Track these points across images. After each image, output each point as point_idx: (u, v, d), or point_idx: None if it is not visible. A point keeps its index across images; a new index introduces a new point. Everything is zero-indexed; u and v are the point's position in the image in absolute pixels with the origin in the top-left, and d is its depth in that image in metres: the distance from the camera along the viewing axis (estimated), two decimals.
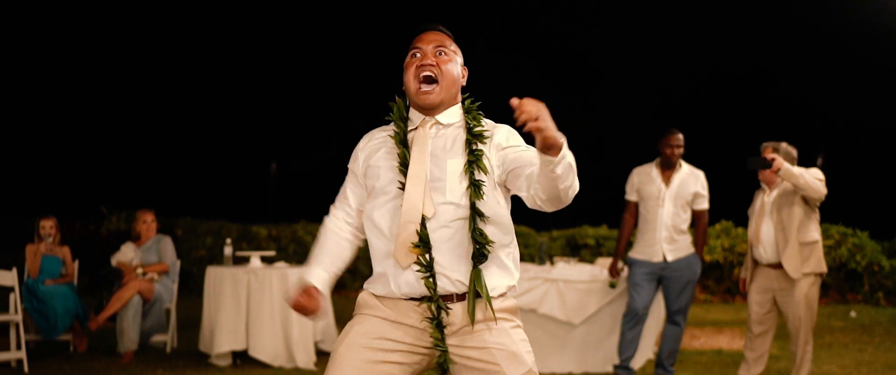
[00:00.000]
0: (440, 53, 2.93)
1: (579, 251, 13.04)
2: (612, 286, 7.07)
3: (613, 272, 6.99)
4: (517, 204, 2.93)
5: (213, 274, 7.48)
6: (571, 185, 2.66)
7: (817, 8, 22.36)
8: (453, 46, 2.99)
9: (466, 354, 2.84)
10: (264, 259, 7.90)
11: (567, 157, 2.59)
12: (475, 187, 2.82)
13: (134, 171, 25.13)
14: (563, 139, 2.54)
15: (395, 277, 2.85)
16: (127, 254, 8.03)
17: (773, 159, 5.66)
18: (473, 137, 2.87)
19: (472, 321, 2.80)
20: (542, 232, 13.89)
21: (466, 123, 2.92)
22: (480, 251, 2.82)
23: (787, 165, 5.67)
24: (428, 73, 2.89)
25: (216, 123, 26.22)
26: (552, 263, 7.77)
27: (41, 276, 7.77)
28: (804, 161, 6.22)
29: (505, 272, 2.91)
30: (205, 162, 26.23)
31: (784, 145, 6.06)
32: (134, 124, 26.16)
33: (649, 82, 27.07)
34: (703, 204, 6.73)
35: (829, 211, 10.95)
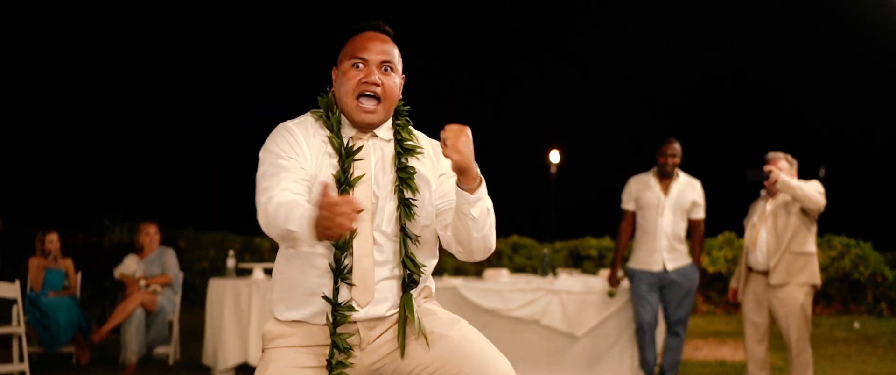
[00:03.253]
0: (386, 69, 2.65)
1: (582, 263, 13.03)
2: (611, 295, 7.07)
3: (613, 281, 7.00)
4: (518, 214, 2.81)
5: (216, 286, 7.49)
6: (486, 236, 2.59)
7: (822, 17, 22.37)
8: (397, 54, 2.71)
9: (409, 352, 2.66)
10: (267, 272, 7.91)
11: (484, 200, 2.54)
12: (405, 208, 2.63)
13: (136, 182, 25.18)
14: (478, 173, 2.51)
15: (317, 303, 2.63)
16: (130, 266, 8.03)
17: (770, 172, 5.72)
18: (405, 152, 2.67)
19: (402, 352, 2.63)
20: (544, 243, 13.89)
21: (396, 134, 2.71)
22: (411, 277, 2.66)
23: (784, 177, 5.72)
24: (371, 92, 2.62)
25: (220, 137, 26.26)
26: (555, 274, 7.78)
27: (44, 289, 7.79)
28: (807, 172, 6.24)
29: (430, 293, 2.82)
30: (207, 174, 26.27)
31: (788, 156, 6.09)
32: (137, 136, 26.22)
33: (651, 92, 27.07)
34: (700, 213, 6.76)
35: (833, 222, 11.01)
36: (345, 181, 2.58)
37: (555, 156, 29.94)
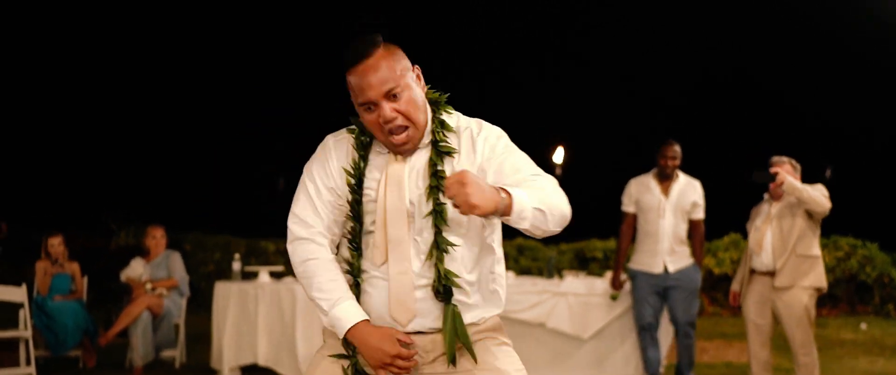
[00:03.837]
0: (394, 97, 2.48)
1: (588, 265, 13.02)
2: (614, 298, 7.08)
3: (615, 284, 7.01)
4: None
5: (222, 289, 7.51)
6: (551, 222, 2.40)
7: (826, 17, 22.33)
8: (398, 66, 2.51)
9: None
10: (273, 274, 7.92)
11: (526, 209, 2.33)
12: (438, 214, 2.50)
13: (142, 185, 25.19)
14: (502, 202, 2.29)
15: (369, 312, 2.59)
16: (136, 269, 8.05)
17: (776, 173, 5.74)
18: (438, 156, 2.55)
19: (453, 361, 2.54)
20: (550, 246, 13.88)
21: (433, 134, 2.58)
22: (445, 286, 2.52)
23: (790, 179, 5.75)
24: (393, 128, 2.50)
25: (225, 139, 26.28)
26: (561, 276, 7.78)
27: (51, 292, 7.81)
28: (812, 173, 6.25)
29: (492, 302, 2.66)
30: (213, 177, 26.27)
31: (792, 161, 6.10)
32: (142, 139, 26.24)
33: (653, 92, 27.04)
34: (700, 214, 6.78)
35: (839, 223, 11.00)
36: (355, 217, 2.58)
37: (558, 157, 29.89)
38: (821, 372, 6.48)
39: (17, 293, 7.36)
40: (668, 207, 6.63)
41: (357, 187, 2.57)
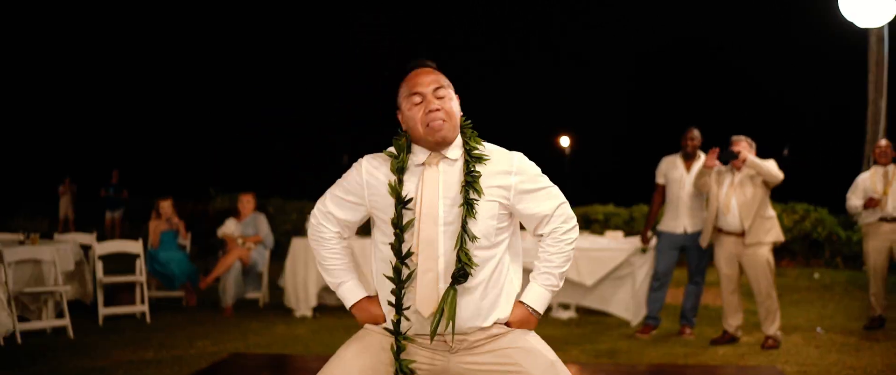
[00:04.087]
0: (439, 97, 2.42)
1: (590, 226, 12.88)
2: (643, 251, 7.07)
3: (645, 239, 6.97)
4: None
5: (297, 244, 7.51)
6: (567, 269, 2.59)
7: (784, 4, 21.75)
8: (444, 79, 2.47)
9: (483, 366, 2.42)
10: None
11: (548, 300, 2.54)
12: (467, 206, 2.36)
13: (236, 160, 25.39)
14: (537, 316, 2.50)
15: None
16: (230, 227, 8.03)
17: (739, 152, 5.85)
18: (472, 159, 2.41)
19: (432, 338, 2.38)
20: None
21: (465, 145, 2.45)
22: (462, 270, 2.35)
23: (751, 157, 5.85)
24: (436, 118, 2.39)
25: (302, 123, 26.36)
26: None
27: (161, 245, 7.85)
28: (772, 151, 6.23)
29: (506, 295, 2.48)
30: (291, 153, 26.43)
31: (748, 139, 6.10)
32: (238, 122, 26.42)
33: (645, 80, 26.59)
34: None
35: (796, 191, 10.77)
36: (398, 225, 2.40)
37: (565, 141, 29.62)
38: (781, 314, 6.39)
39: (134, 246, 7.40)
40: (689, 180, 6.55)
41: (400, 202, 2.40)
